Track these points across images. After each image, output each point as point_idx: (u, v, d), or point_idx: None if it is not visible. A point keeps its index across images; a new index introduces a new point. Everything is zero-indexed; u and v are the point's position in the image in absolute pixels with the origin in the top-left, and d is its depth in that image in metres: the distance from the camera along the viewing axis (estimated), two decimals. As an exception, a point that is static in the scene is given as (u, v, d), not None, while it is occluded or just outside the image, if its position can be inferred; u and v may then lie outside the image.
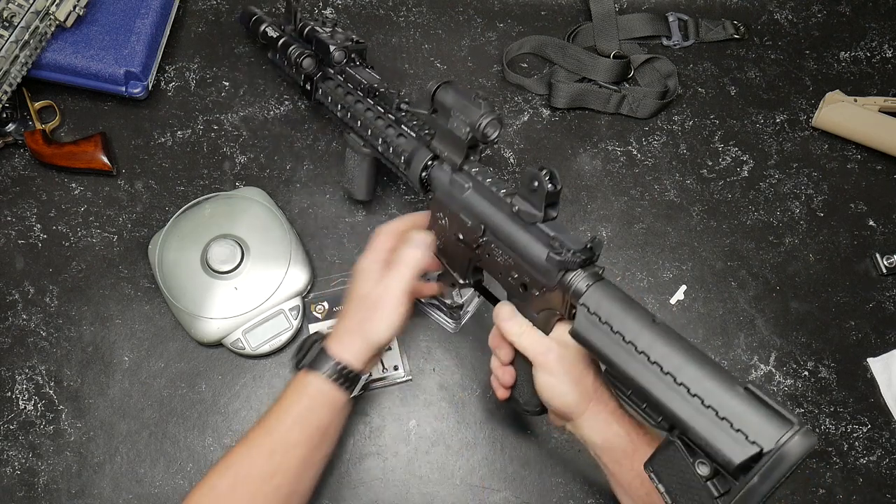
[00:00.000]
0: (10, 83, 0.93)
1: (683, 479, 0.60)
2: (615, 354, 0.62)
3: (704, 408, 0.57)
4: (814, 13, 1.12)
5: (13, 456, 0.89)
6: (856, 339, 0.97)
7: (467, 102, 0.72)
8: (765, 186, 1.03)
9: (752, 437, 0.55)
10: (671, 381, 0.59)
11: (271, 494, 0.71)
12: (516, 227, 0.70)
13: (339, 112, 0.88)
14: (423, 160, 0.79)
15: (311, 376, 0.74)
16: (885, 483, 0.92)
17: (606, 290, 0.65)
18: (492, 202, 0.72)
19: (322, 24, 0.91)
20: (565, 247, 0.67)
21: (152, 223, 0.97)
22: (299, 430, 0.73)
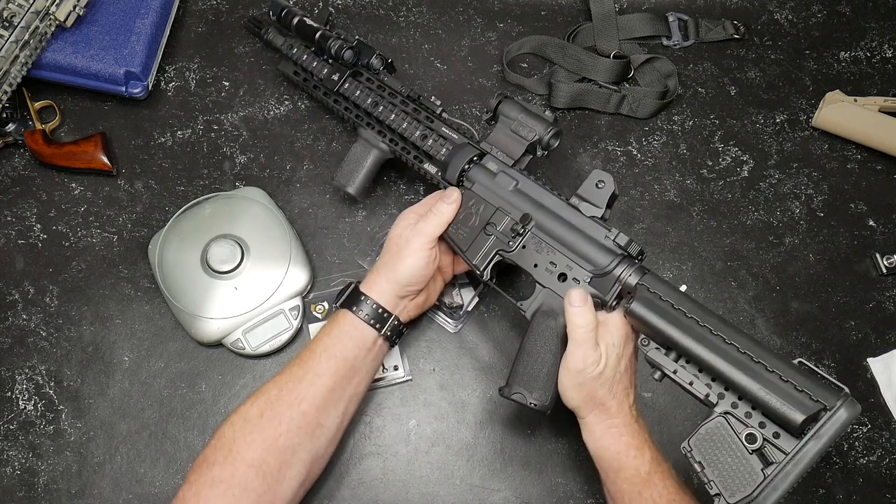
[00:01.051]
0: (10, 83, 0.93)
1: (726, 453, 0.64)
2: (678, 326, 0.69)
3: (769, 372, 0.65)
4: (814, 13, 1.12)
5: (13, 456, 0.89)
6: (856, 339, 0.97)
7: (538, 113, 0.84)
8: (765, 186, 1.03)
9: (815, 397, 0.63)
10: (735, 350, 0.66)
11: (297, 419, 0.75)
12: (572, 219, 0.80)
13: (369, 106, 0.90)
14: (467, 156, 0.85)
15: (341, 313, 0.80)
16: (885, 483, 0.92)
17: (660, 279, 0.74)
18: (541, 197, 0.82)
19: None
20: (621, 242, 0.77)
21: (152, 223, 0.97)
22: (325, 360, 0.77)
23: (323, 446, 0.78)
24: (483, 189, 0.83)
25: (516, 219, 0.81)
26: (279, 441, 0.74)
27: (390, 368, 0.91)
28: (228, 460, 0.73)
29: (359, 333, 0.79)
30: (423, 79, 1.05)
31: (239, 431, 0.74)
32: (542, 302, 0.79)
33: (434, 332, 0.95)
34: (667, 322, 0.69)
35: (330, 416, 0.78)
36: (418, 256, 0.80)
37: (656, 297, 0.72)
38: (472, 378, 0.93)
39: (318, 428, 0.77)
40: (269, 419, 0.74)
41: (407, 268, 0.80)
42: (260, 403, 0.76)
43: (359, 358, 0.79)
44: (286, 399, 0.75)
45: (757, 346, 0.67)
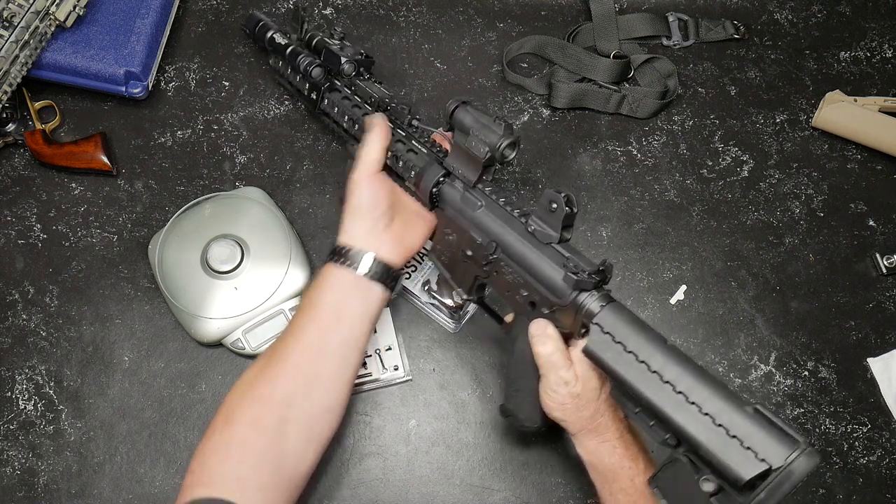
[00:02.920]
0: (10, 83, 0.93)
1: (687, 496, 0.62)
2: (627, 373, 0.65)
3: (715, 426, 0.59)
4: (814, 13, 1.12)
5: (13, 456, 0.89)
6: (856, 339, 0.97)
7: (487, 124, 0.75)
8: (765, 186, 1.03)
9: (760, 455, 0.57)
10: (683, 400, 0.61)
11: (289, 372, 0.74)
12: (530, 246, 0.73)
13: (346, 123, 0.87)
14: (435, 176, 0.80)
15: (324, 266, 0.79)
16: (885, 483, 0.92)
17: (619, 311, 0.68)
18: (505, 221, 0.75)
19: (330, 36, 0.91)
20: (580, 268, 0.70)
21: (152, 223, 0.97)
22: (307, 311, 0.77)
23: (322, 398, 0.75)
24: (453, 212, 0.79)
25: (484, 244, 0.76)
26: (273, 396, 0.73)
27: (390, 368, 0.91)
28: (227, 425, 0.72)
29: (335, 278, 0.78)
30: (423, 79, 1.05)
31: (237, 395, 0.74)
32: (521, 332, 0.77)
33: (434, 332, 0.95)
34: (615, 369, 0.66)
35: (323, 367, 0.75)
36: (362, 184, 0.79)
37: (609, 337, 0.67)
38: (472, 378, 0.93)
39: (314, 379, 0.74)
40: (262, 379, 0.74)
41: (355, 197, 0.79)
42: (256, 367, 0.75)
43: (340, 302, 0.77)
44: (276, 356, 0.75)
45: (711, 391, 0.61)
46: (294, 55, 0.90)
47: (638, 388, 0.64)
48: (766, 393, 0.95)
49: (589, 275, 0.69)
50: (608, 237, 0.99)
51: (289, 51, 0.90)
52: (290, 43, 0.92)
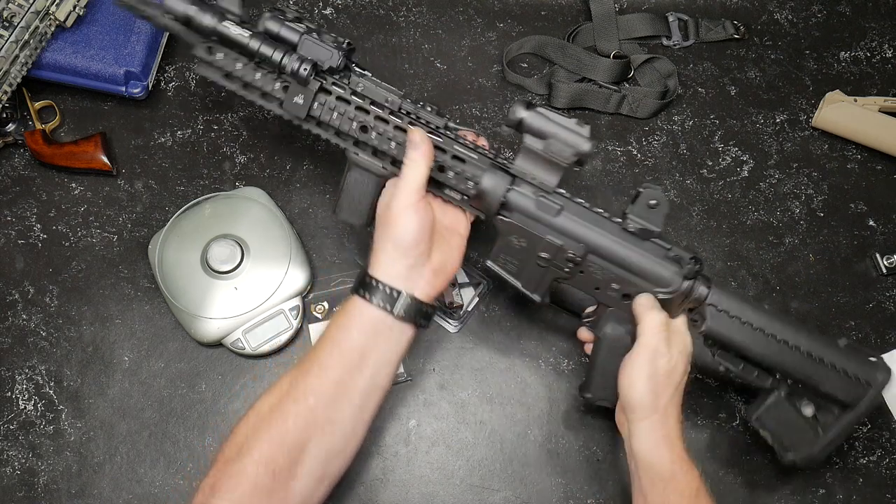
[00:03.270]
0: (10, 83, 0.93)
1: (789, 421, 0.81)
2: (749, 339, 0.78)
3: (827, 366, 0.79)
4: (814, 13, 1.12)
5: (13, 456, 0.89)
6: (856, 339, 0.97)
7: (570, 126, 0.73)
8: (765, 186, 1.03)
9: (862, 379, 0.79)
10: (798, 351, 0.78)
11: (304, 414, 0.71)
12: (629, 244, 0.77)
13: (355, 130, 0.77)
14: (503, 186, 0.75)
15: (350, 299, 0.74)
16: (885, 483, 0.92)
17: (723, 290, 0.79)
18: (592, 222, 0.77)
19: (296, 20, 0.76)
20: (682, 257, 0.77)
21: (152, 223, 0.97)
22: (330, 351, 0.72)
23: (339, 441, 0.73)
24: (524, 219, 0.76)
25: (569, 248, 0.76)
26: (287, 438, 0.70)
27: (390, 368, 0.91)
28: (240, 456, 0.70)
29: (365, 319, 0.73)
30: (423, 79, 1.05)
31: (251, 428, 0.71)
32: (609, 319, 0.80)
33: (434, 332, 0.95)
34: (739, 339, 0.78)
35: (343, 411, 0.72)
36: (407, 214, 0.72)
37: (725, 314, 0.78)
38: (472, 378, 0.93)
39: (328, 424, 0.72)
40: (278, 415, 0.71)
41: (400, 230, 0.72)
42: (271, 399, 0.72)
43: (368, 346, 0.73)
44: (293, 393, 0.72)
45: (811, 340, 0.79)
46: (263, 52, 0.74)
47: (759, 350, 0.78)
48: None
49: (694, 262, 0.76)
50: (608, 237, 1.00)
51: (257, 47, 0.74)
52: (253, 34, 0.75)
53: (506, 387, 0.93)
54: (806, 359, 0.78)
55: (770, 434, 0.82)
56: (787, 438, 0.82)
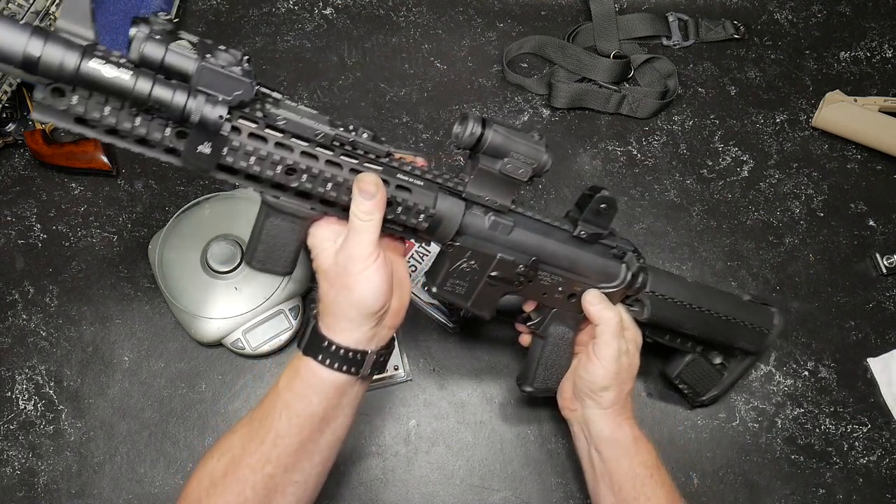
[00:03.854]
0: (11, 83, 0.93)
1: (704, 372, 0.90)
2: (681, 316, 0.83)
3: (739, 324, 0.86)
4: (814, 13, 1.12)
5: (13, 456, 0.89)
6: (856, 339, 0.97)
7: (527, 142, 0.68)
8: (765, 186, 1.03)
9: (764, 329, 0.87)
10: (717, 318, 0.84)
11: (262, 482, 0.65)
12: (577, 249, 0.78)
13: (282, 178, 0.62)
14: (460, 213, 0.69)
15: (303, 362, 0.66)
16: (885, 483, 0.92)
17: (657, 274, 0.82)
18: (543, 233, 0.76)
19: (170, 37, 0.56)
20: (624, 250, 0.80)
21: (152, 223, 0.97)
22: (287, 419, 0.65)
23: (302, 495, 0.69)
24: (475, 241, 0.72)
25: (521, 262, 0.74)
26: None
27: (390, 368, 0.91)
28: None
29: (327, 385, 0.65)
30: (423, 79, 1.05)
31: (204, 492, 0.65)
32: (553, 320, 0.81)
33: (434, 332, 0.95)
34: (673, 318, 0.83)
35: (304, 471, 0.67)
36: (367, 276, 0.63)
37: (662, 298, 0.82)
38: (472, 378, 0.93)
39: (289, 485, 0.66)
40: (233, 482, 0.65)
41: (364, 295, 0.63)
42: (224, 461, 0.66)
43: (330, 408, 0.66)
44: (248, 462, 0.65)
45: (726, 303, 0.86)
46: (158, 97, 0.55)
47: (688, 327, 0.84)
48: (766, 393, 0.95)
49: (635, 255, 0.79)
50: (608, 237, 1.00)
51: (148, 90, 0.54)
52: (135, 71, 0.54)
53: (506, 387, 0.93)
54: (724, 323, 0.85)
55: (687, 386, 0.90)
56: (700, 386, 0.90)
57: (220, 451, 0.67)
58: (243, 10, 1.07)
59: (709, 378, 0.90)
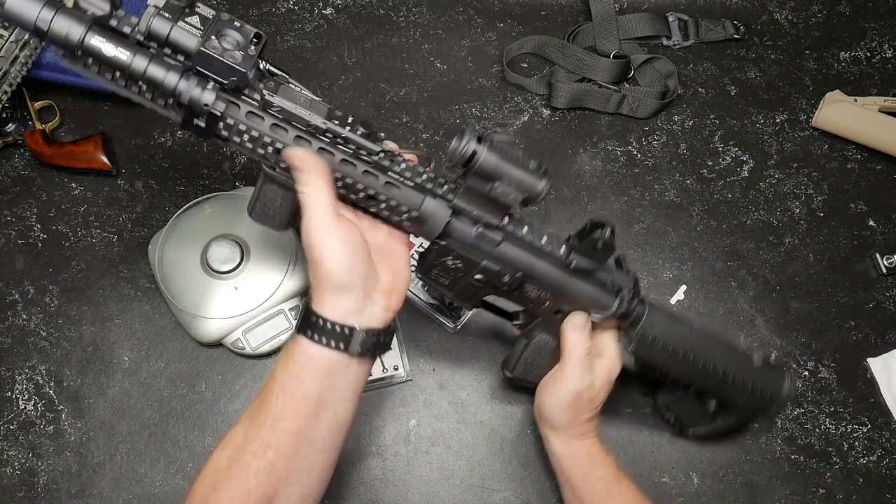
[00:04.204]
0: (11, 83, 0.93)
1: (691, 411, 0.88)
2: (671, 363, 0.80)
3: (738, 384, 0.81)
4: (814, 13, 1.12)
5: (13, 456, 0.89)
6: (856, 339, 0.97)
7: (522, 170, 0.66)
8: (765, 186, 1.03)
9: (767, 393, 0.83)
10: (714, 372, 0.80)
11: (265, 470, 0.64)
12: (569, 277, 0.75)
13: (269, 154, 0.65)
14: (444, 219, 0.69)
15: (295, 341, 0.67)
16: (885, 483, 0.92)
17: (655, 314, 0.78)
18: (534, 254, 0.73)
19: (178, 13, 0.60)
20: (618, 286, 0.76)
21: (152, 223, 0.97)
22: (283, 401, 0.65)
23: (307, 487, 0.68)
24: (461, 245, 0.71)
25: (506, 273, 0.73)
26: (251, 496, 0.64)
27: (390, 368, 0.91)
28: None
29: (318, 363, 0.66)
30: (423, 79, 1.05)
31: (210, 486, 0.65)
32: (538, 327, 0.80)
33: (434, 332, 0.95)
34: (661, 363, 0.81)
35: (306, 458, 0.67)
36: (326, 245, 0.64)
37: (652, 341, 0.79)
38: (472, 378, 0.93)
39: (294, 474, 0.66)
40: (237, 471, 0.65)
41: (328, 265, 0.64)
42: (228, 451, 0.66)
43: (324, 389, 0.66)
44: (251, 448, 0.65)
45: (729, 358, 0.82)
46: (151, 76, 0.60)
47: (677, 372, 0.81)
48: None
49: (632, 295, 0.76)
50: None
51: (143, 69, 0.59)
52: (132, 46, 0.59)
53: (506, 386, 0.93)
54: (720, 379, 0.81)
55: (674, 416, 0.90)
56: (688, 419, 0.89)
57: (223, 444, 0.67)
58: (243, 10, 1.07)
59: (698, 415, 0.88)
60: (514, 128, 1.04)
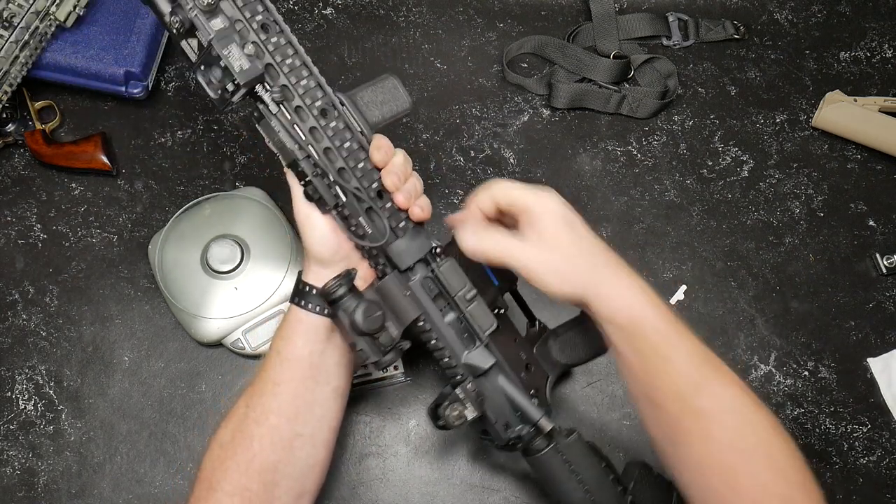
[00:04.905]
0: (11, 83, 0.93)
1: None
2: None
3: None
4: (814, 13, 1.12)
5: (13, 456, 0.89)
6: (856, 339, 0.97)
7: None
8: (765, 186, 1.03)
9: None
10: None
11: (268, 436, 0.68)
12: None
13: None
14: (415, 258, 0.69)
15: (289, 309, 0.72)
16: (885, 483, 0.92)
17: (576, 447, 0.71)
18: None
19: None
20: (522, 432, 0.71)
21: (152, 223, 0.97)
22: (280, 365, 0.69)
23: (310, 455, 0.71)
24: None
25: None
26: (255, 463, 0.67)
27: (390, 368, 0.91)
28: (211, 493, 0.67)
29: (307, 327, 0.70)
30: (423, 79, 1.05)
31: (216, 460, 0.69)
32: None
33: (434, 332, 0.95)
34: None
35: (308, 424, 0.70)
36: (311, 224, 0.68)
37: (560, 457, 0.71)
38: (472, 378, 0.93)
39: (296, 439, 0.69)
40: (241, 441, 0.68)
41: (310, 242, 0.69)
42: (231, 425, 0.69)
43: (315, 353, 0.70)
44: (253, 416, 0.69)
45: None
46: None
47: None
48: (765, 393, 0.94)
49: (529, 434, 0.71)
50: (608, 237, 0.99)
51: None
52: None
53: (506, 387, 0.93)
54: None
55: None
56: None
57: (227, 420, 0.71)
58: (243, 10, 1.07)
59: None
60: (515, 128, 1.04)
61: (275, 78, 0.64)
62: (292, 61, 0.65)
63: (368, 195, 0.67)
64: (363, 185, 0.67)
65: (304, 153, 0.66)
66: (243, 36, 0.62)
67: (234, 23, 0.62)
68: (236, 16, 0.62)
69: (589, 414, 0.92)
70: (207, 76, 0.63)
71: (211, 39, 0.59)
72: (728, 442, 0.62)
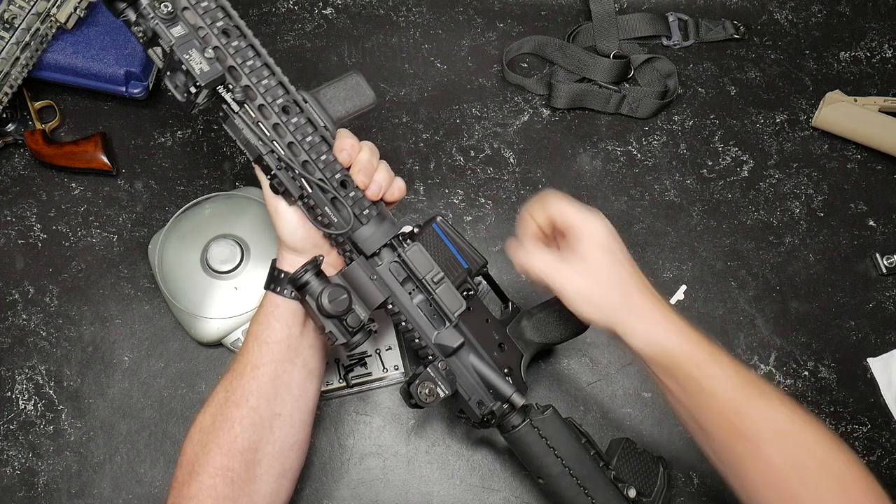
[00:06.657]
0: (11, 85, 0.93)
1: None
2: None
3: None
4: (814, 13, 1.12)
5: (13, 456, 0.89)
6: (856, 339, 0.97)
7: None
8: (765, 186, 1.03)
9: None
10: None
11: (248, 416, 0.71)
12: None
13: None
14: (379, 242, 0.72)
15: (265, 295, 0.75)
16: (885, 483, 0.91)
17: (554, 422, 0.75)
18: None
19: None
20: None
21: (152, 223, 0.97)
22: (258, 349, 0.73)
23: (289, 434, 0.74)
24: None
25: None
26: (236, 443, 0.70)
27: (390, 368, 0.91)
28: (193, 476, 0.70)
29: (282, 311, 0.73)
30: (423, 79, 1.05)
31: (198, 444, 0.71)
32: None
33: (434, 332, 0.95)
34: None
35: (285, 404, 0.73)
36: (279, 212, 0.72)
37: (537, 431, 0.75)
38: (471, 378, 0.93)
39: (275, 419, 0.72)
40: (221, 424, 0.71)
41: (280, 230, 0.73)
42: (211, 410, 0.72)
43: (293, 336, 0.73)
44: (233, 399, 0.72)
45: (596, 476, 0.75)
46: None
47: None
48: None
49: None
50: (608, 237, 0.99)
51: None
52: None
53: (506, 387, 0.93)
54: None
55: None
56: None
57: (207, 406, 0.73)
58: (242, 10, 1.06)
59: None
60: (515, 128, 1.04)
61: (238, 79, 0.69)
62: (253, 63, 0.70)
63: (332, 185, 0.71)
64: (326, 176, 0.71)
65: (268, 148, 0.69)
66: (206, 41, 0.67)
67: (197, 30, 0.66)
68: (199, 23, 0.67)
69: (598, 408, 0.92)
70: (174, 80, 0.67)
71: (172, 45, 0.63)
72: (780, 462, 0.64)
